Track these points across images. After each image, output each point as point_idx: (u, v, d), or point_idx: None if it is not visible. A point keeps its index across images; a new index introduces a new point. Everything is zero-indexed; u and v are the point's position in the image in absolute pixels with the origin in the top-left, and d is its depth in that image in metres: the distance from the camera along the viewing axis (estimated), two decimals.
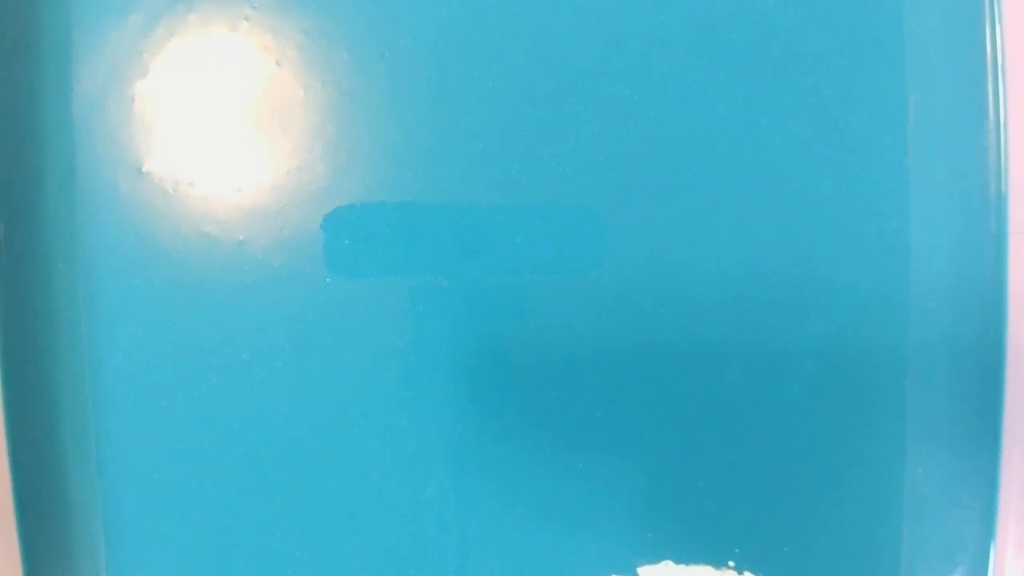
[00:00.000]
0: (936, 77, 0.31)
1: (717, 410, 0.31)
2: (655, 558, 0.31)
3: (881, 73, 0.31)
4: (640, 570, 0.31)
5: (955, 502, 0.31)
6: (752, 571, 0.31)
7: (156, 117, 0.30)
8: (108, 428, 0.30)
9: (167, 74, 0.30)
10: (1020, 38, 0.30)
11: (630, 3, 0.30)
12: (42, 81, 0.30)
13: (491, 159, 0.30)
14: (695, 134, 0.30)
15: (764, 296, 0.30)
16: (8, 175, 0.30)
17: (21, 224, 0.30)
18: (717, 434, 0.31)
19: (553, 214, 0.30)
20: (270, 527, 0.31)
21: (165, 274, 0.30)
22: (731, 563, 0.31)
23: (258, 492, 0.31)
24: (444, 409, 0.31)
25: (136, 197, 0.30)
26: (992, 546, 0.31)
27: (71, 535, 0.31)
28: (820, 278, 0.30)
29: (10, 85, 0.30)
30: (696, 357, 0.31)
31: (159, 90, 0.30)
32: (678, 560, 0.31)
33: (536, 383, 0.30)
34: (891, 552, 0.31)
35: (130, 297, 0.30)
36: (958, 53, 0.31)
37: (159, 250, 0.30)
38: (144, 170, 0.30)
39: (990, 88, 0.31)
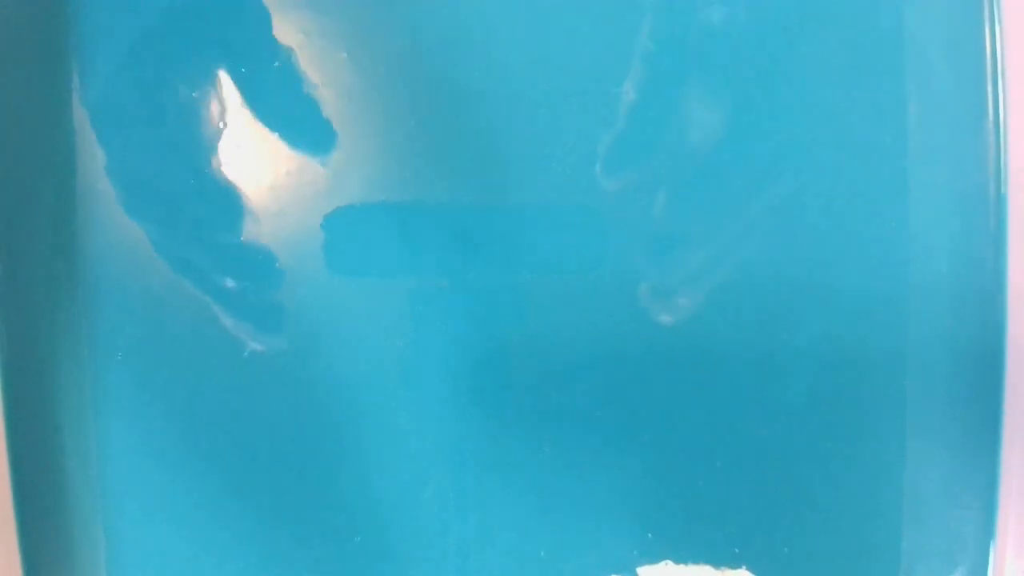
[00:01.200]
0: (936, 77, 0.31)
1: (717, 410, 0.31)
2: (655, 558, 0.31)
3: (881, 73, 0.31)
4: (640, 570, 0.31)
5: (955, 502, 0.31)
6: (752, 571, 0.31)
7: (156, 117, 0.30)
8: (108, 428, 0.30)
9: (167, 74, 0.30)
10: (1020, 38, 0.30)
11: (630, 3, 0.30)
12: (42, 81, 0.30)
13: (491, 159, 0.30)
14: (695, 134, 0.30)
15: (764, 296, 0.30)
16: (8, 175, 0.30)
17: (21, 224, 0.30)
18: (717, 434, 0.31)
19: (553, 214, 0.30)
20: (270, 527, 0.31)
21: (165, 274, 0.30)
22: (731, 563, 0.31)
23: (258, 492, 0.31)
24: (444, 409, 0.31)
25: (136, 198, 0.30)
26: (992, 546, 0.31)
27: (71, 535, 0.31)
28: (820, 278, 0.30)
29: (10, 85, 0.30)
30: (696, 357, 0.31)
31: (159, 90, 0.30)
32: (678, 560, 0.31)
33: (536, 383, 0.30)
34: (891, 552, 0.31)
35: (130, 297, 0.30)
36: (958, 53, 0.31)
37: (159, 250, 0.30)
38: (144, 170, 0.30)
39: (990, 88, 0.31)
